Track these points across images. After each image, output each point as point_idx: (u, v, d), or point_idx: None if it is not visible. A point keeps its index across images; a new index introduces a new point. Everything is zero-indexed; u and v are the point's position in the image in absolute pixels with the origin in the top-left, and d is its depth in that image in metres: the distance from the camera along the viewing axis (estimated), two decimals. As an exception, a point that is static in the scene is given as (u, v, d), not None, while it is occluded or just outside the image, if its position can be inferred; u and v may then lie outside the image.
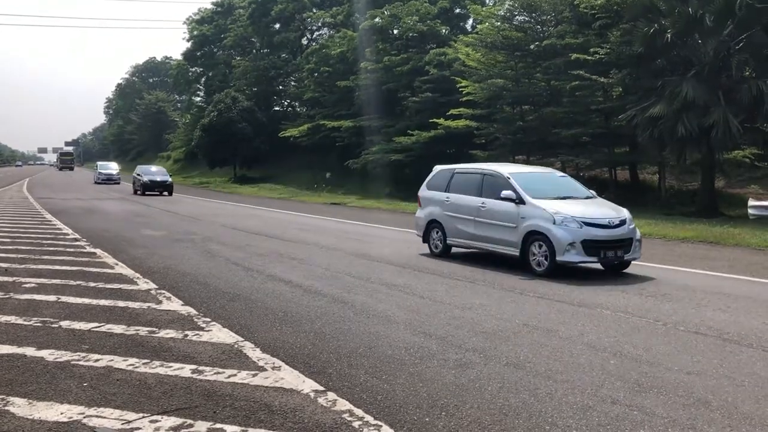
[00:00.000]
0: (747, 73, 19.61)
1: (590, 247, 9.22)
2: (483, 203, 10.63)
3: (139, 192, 34.00)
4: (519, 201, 9.96)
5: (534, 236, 9.62)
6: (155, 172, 36.28)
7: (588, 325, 6.49)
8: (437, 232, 11.58)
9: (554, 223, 9.36)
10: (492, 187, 10.59)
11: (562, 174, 12.14)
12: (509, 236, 10.04)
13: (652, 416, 4.13)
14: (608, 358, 5.35)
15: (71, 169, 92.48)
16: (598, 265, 9.79)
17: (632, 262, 9.86)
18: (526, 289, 8.34)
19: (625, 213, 9.89)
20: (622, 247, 9.48)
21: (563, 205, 9.78)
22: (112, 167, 51.96)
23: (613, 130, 24.94)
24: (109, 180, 47.20)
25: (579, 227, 9.26)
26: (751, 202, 14.90)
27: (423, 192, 12.28)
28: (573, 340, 5.90)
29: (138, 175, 35.48)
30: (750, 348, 5.68)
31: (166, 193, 33.69)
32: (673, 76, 19.51)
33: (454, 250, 11.50)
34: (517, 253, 9.91)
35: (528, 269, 9.62)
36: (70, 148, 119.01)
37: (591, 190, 11.00)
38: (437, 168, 12.53)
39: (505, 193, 10.12)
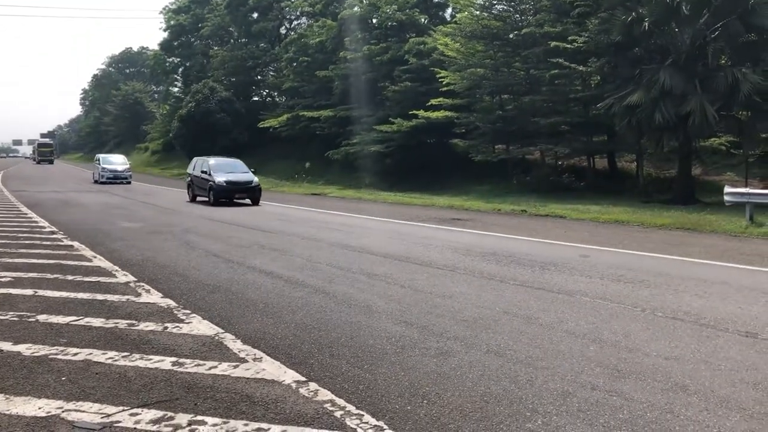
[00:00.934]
0: (723, 61, 19.86)
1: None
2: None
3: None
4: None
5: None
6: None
7: (567, 312, 6.54)
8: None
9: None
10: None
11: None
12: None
13: (631, 401, 4.18)
14: (588, 345, 5.41)
15: (51, 162, 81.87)
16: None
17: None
18: (506, 277, 8.39)
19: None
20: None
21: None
22: (118, 161, 38.94)
23: (591, 119, 25.14)
24: (116, 179, 35.86)
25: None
26: (727, 189, 15.08)
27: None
28: (553, 327, 5.95)
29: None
30: (726, 332, 5.77)
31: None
32: (650, 64, 19.67)
33: (440, 244, 11.51)
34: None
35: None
36: (48, 140, 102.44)
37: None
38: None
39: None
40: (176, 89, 69.47)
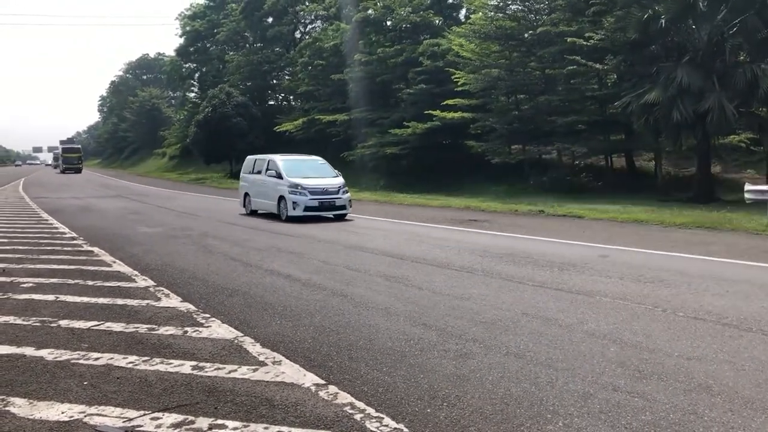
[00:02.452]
0: (741, 57, 19.66)
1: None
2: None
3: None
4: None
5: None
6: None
7: (587, 312, 6.49)
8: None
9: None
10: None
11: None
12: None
13: (654, 402, 4.13)
14: (608, 345, 5.36)
15: (78, 171, 70.21)
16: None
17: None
18: (524, 278, 8.34)
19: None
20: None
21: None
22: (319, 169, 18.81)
23: (608, 118, 25.00)
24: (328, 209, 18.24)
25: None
26: (748, 187, 14.90)
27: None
28: (572, 328, 5.91)
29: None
30: (749, 332, 5.69)
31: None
32: (667, 62, 19.52)
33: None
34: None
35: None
36: (76, 144, 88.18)
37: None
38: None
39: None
40: (193, 95, 69.96)
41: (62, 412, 4.09)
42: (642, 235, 12.89)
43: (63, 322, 6.28)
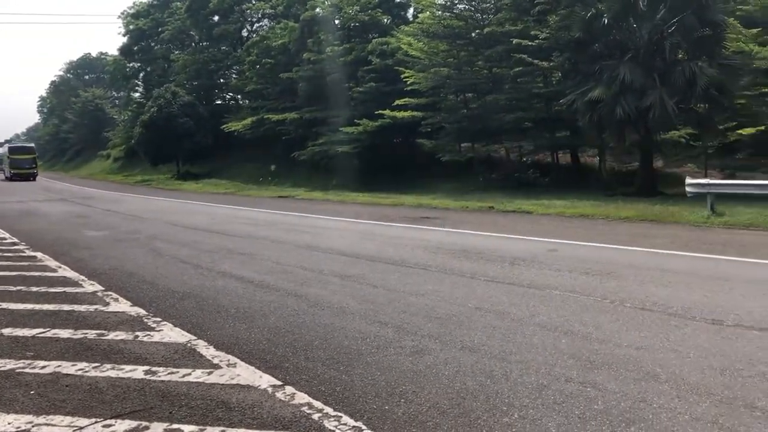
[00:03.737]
0: (680, 55, 20.26)
1: None
2: None
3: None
4: None
5: None
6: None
7: (538, 306, 6.62)
8: None
9: None
10: None
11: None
12: None
13: (605, 392, 4.25)
14: (560, 338, 5.48)
15: (32, 177, 54.70)
16: None
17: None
18: (476, 273, 8.45)
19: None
20: None
21: None
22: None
23: (553, 115, 25.46)
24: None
25: None
26: (689, 180, 15.39)
27: None
28: (525, 322, 6.01)
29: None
30: (693, 321, 5.89)
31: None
32: (610, 60, 19.98)
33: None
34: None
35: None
36: (29, 143, 69.99)
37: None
38: None
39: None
40: (137, 95, 68.33)
41: (8, 423, 3.96)
42: (589, 229, 13.20)
43: (6, 331, 6.08)
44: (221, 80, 55.34)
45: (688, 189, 15.12)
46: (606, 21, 19.73)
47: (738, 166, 22.50)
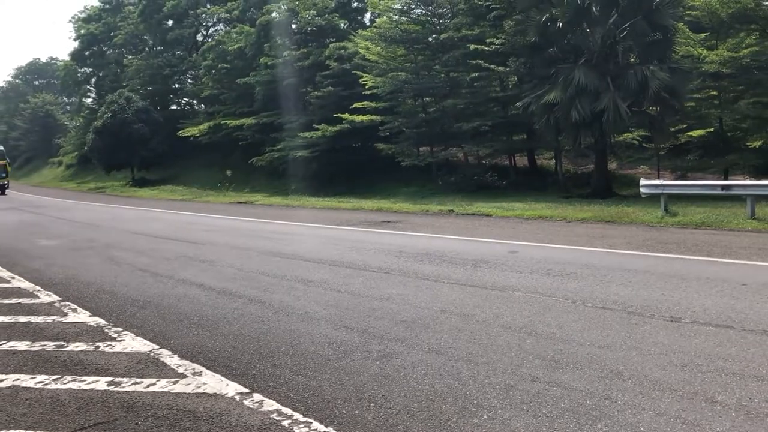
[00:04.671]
0: (632, 59, 20.78)
1: None
2: None
3: None
4: None
5: None
6: None
7: (502, 307, 6.69)
8: None
9: None
10: None
11: None
12: None
13: (571, 390, 4.32)
14: (524, 338, 5.55)
15: (2, 191, 41.89)
16: None
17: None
18: (440, 276, 8.50)
19: None
20: None
21: None
22: None
23: (510, 119, 25.84)
24: None
25: None
26: (643, 182, 15.77)
27: None
28: (489, 323, 6.07)
29: None
30: (653, 319, 6.03)
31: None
32: (565, 64, 20.36)
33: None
34: None
35: None
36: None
37: None
38: None
39: None
40: (90, 100, 66.83)
41: (-34, 440, 3.84)
42: (547, 231, 13.41)
43: (-41, 345, 5.87)
44: (176, 85, 54.61)
45: (642, 190, 15.49)
46: (560, 25, 20.14)
47: (689, 167, 23.20)
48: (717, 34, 22.48)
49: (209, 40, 50.15)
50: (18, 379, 4.90)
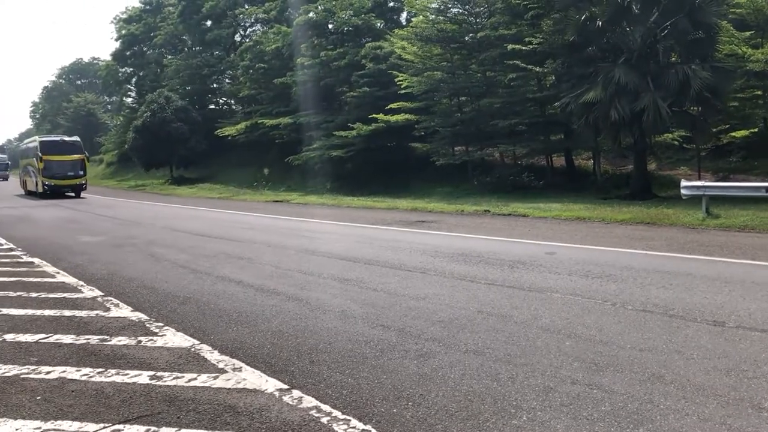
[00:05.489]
0: (673, 58, 20.38)
1: None
2: None
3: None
4: None
5: None
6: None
7: (540, 308, 6.64)
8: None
9: None
10: None
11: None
12: None
13: (612, 393, 4.26)
14: (563, 340, 5.49)
15: (78, 192, 40.57)
16: None
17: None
18: (476, 277, 8.46)
19: None
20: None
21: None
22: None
23: (548, 118, 25.59)
24: None
25: None
26: (684, 183, 15.46)
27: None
28: (528, 324, 6.03)
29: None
30: (695, 322, 5.92)
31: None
32: (604, 63, 20.08)
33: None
34: None
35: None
36: (72, 138, 67.30)
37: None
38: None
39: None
40: (130, 99, 68.22)
41: (17, 429, 3.95)
42: (585, 232, 13.24)
43: (8, 336, 6.05)
44: (214, 85, 55.35)
45: (683, 191, 15.19)
46: (600, 24, 19.84)
47: (731, 169, 22.63)
48: (763, 32, 21.89)
49: (247, 40, 50.73)
50: (64, 371, 5.02)
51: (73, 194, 35.14)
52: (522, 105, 26.32)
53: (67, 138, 38.55)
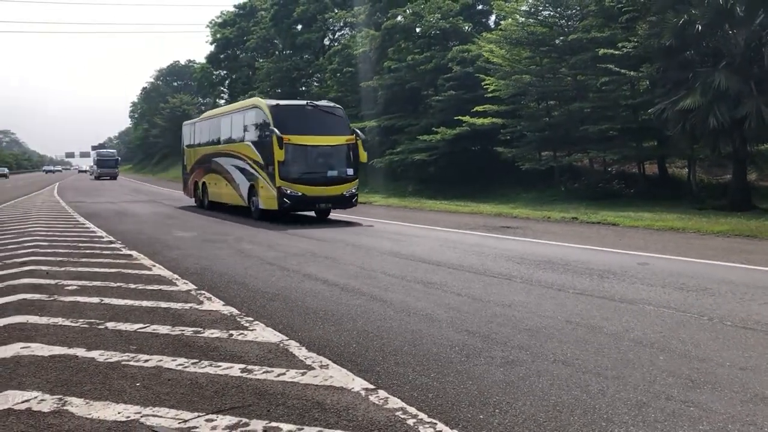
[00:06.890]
0: (780, 63, 19.29)
1: None
2: None
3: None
4: None
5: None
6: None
7: (632, 321, 6.42)
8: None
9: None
10: None
11: None
12: None
13: (710, 412, 4.07)
14: (657, 354, 5.29)
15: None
16: None
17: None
18: (564, 286, 8.27)
19: None
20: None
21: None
22: None
23: (641, 124, 24.71)
24: None
25: None
26: (788, 195, 14.66)
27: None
28: (619, 336, 5.84)
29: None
30: (802, 342, 5.58)
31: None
32: (703, 67, 19.24)
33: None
34: None
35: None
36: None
37: None
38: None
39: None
40: (223, 101, 70.73)
41: (118, 413, 4.15)
42: (680, 243, 12.71)
43: (110, 324, 6.38)
44: (303, 88, 56.58)
45: (787, 203, 14.35)
46: (699, 28, 19.00)
47: (841, 181, 21.20)
48: None
49: (335, 44, 51.62)
50: (161, 360, 5.25)
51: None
52: (614, 110, 25.55)
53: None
